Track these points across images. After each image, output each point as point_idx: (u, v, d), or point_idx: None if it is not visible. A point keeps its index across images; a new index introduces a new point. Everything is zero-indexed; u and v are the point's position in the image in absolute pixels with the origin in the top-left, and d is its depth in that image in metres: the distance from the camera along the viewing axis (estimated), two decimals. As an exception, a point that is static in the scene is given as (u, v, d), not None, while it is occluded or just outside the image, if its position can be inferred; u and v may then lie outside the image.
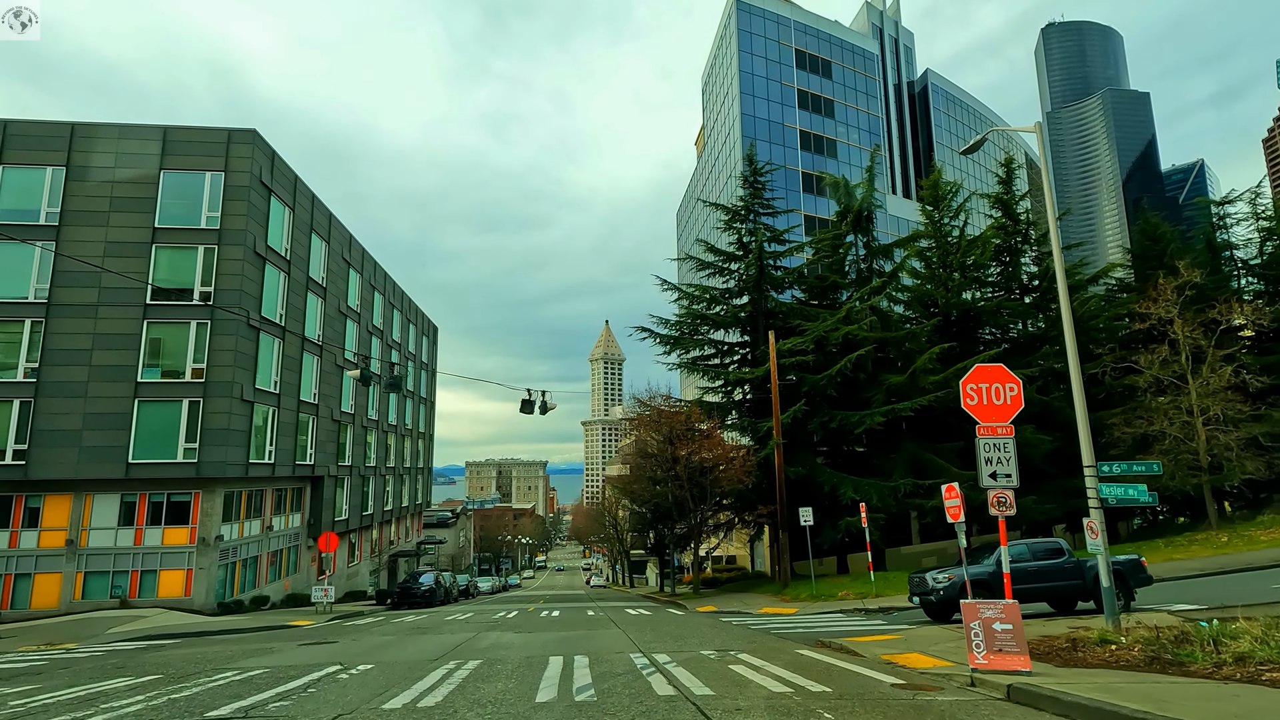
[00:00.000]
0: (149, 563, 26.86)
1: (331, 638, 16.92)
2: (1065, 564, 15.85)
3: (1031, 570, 15.53)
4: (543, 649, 12.94)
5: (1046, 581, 15.66)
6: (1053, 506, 33.67)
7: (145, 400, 26.94)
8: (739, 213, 39.07)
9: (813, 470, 32.42)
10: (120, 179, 27.88)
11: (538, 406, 17.55)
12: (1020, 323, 41.29)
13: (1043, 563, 15.85)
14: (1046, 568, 15.78)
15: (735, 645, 12.87)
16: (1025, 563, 15.59)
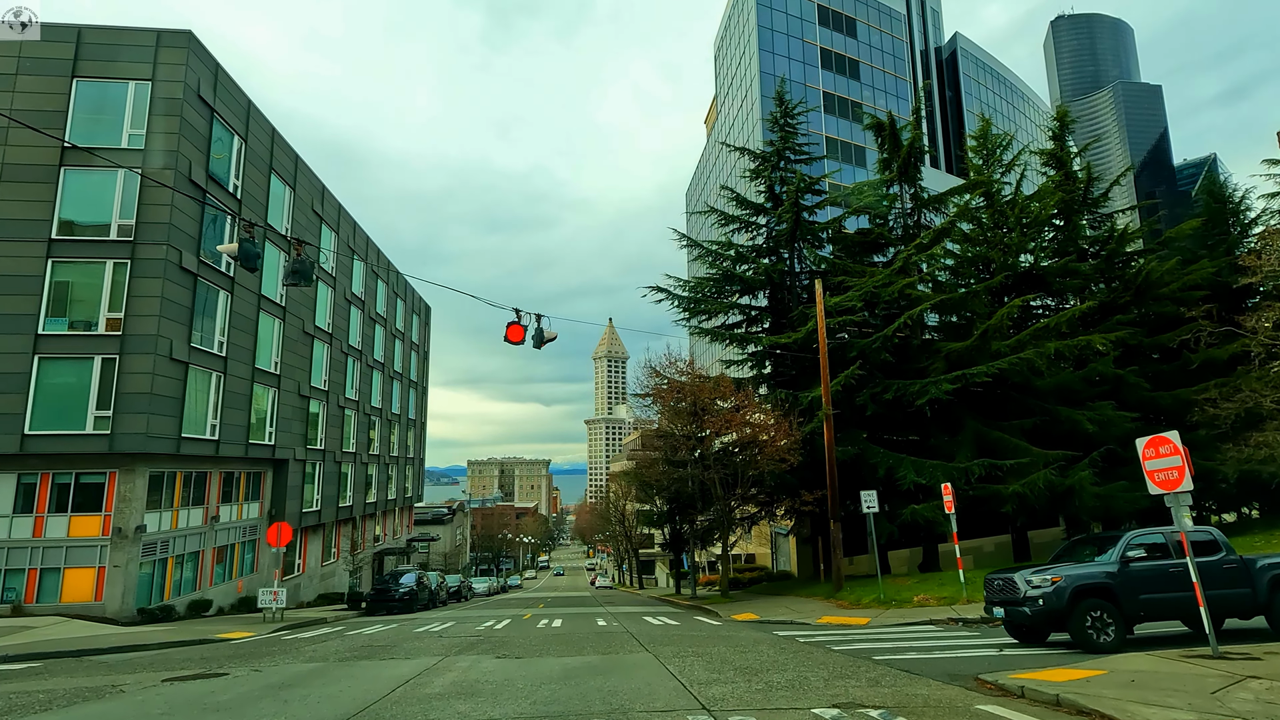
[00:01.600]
0: (51, 559, 21.60)
1: (232, 666, 11.67)
2: (1226, 565, 11.13)
3: (1178, 572, 10.85)
4: (532, 697, 7.72)
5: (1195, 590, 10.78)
6: (1141, 495, 28.15)
7: (47, 357, 21.70)
8: (767, 158, 33.77)
9: (864, 451, 27.10)
10: (22, 88, 22.67)
11: (531, 334, 12.35)
12: (1082, 290, 35.86)
13: (1190, 562, 10.61)
14: (1200, 569, 10.72)
15: (849, 688, 7.63)
16: (1164, 561, 11.13)
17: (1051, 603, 10.71)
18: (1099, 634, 10.38)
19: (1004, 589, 11.72)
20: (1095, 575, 10.87)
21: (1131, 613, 10.68)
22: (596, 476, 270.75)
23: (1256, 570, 11.09)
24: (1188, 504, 9.47)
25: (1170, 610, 10.95)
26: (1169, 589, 10.82)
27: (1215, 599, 10.68)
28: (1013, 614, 11.47)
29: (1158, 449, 9.85)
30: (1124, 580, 10.80)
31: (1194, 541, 11.18)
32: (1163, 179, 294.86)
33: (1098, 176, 36.38)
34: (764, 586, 34.63)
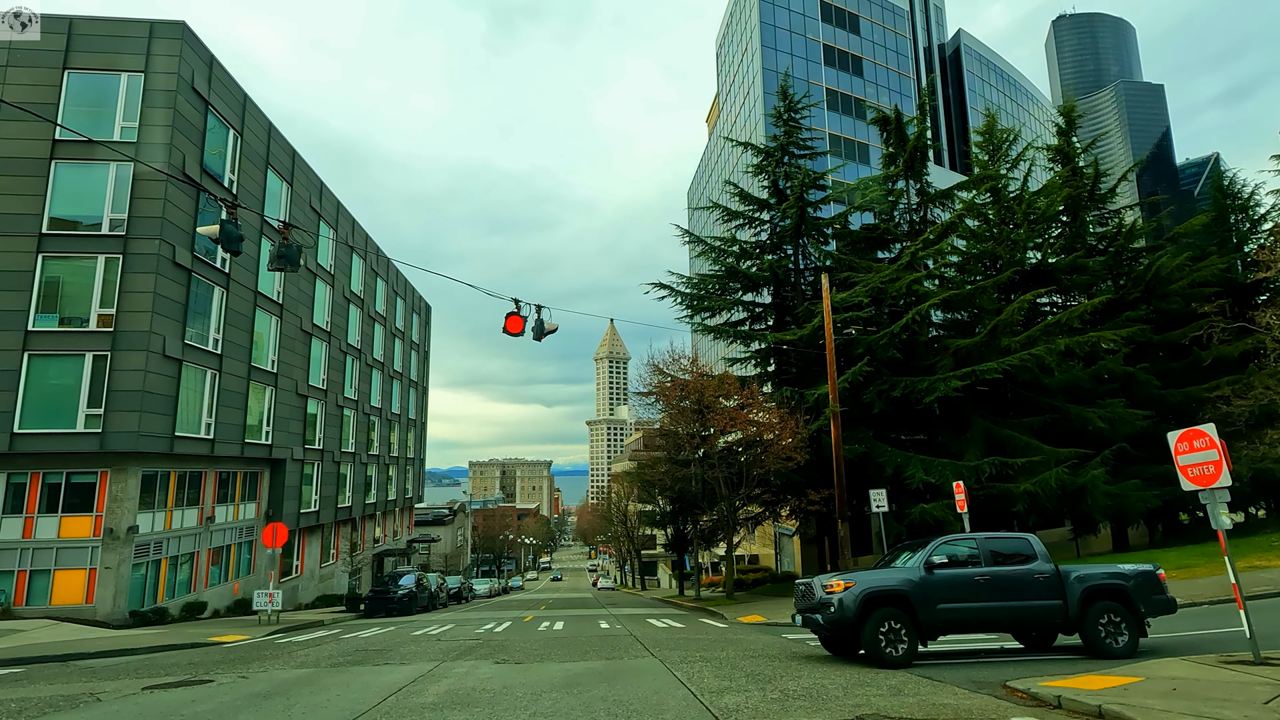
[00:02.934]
0: (41, 560, 21.12)
1: (219, 672, 11.18)
2: (1038, 574, 10.35)
3: (985, 582, 10.20)
4: (531, 708, 7.21)
5: (1008, 599, 10.22)
6: (1153, 494, 27.57)
7: (37, 354, 21.25)
8: (771, 153, 33.24)
9: (871, 449, 26.57)
10: (12, 80, 22.23)
11: (531, 326, 11.85)
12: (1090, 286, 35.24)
13: (1002, 570, 10.39)
14: (1008, 579, 10.31)
15: (870, 697, 7.12)
16: (975, 569, 10.36)
17: (842, 611, 9.75)
18: (892, 646, 9.58)
19: (805, 594, 10.73)
20: (892, 582, 10.01)
21: (930, 623, 9.88)
22: (598, 477, 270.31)
23: (1070, 582, 10.30)
24: (1225, 500, 8.94)
25: (974, 622, 10.22)
26: (974, 599, 10.06)
27: (1024, 611, 10.25)
28: (809, 621, 10.53)
29: (1191, 443, 9.32)
30: (925, 589, 9.94)
31: (1010, 549, 10.73)
32: (1165, 178, 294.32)
33: (1105, 172, 35.81)
34: (769, 588, 34.10)
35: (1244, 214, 36.46)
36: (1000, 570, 10.37)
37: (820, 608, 10.10)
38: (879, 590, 9.84)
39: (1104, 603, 10.18)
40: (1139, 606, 10.31)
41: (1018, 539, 10.95)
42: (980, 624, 10.34)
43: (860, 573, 10.38)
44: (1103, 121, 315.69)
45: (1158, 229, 38.14)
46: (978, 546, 10.64)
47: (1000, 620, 10.38)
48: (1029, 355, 25.98)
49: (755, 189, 34.81)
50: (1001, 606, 10.20)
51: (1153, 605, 10.44)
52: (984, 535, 10.93)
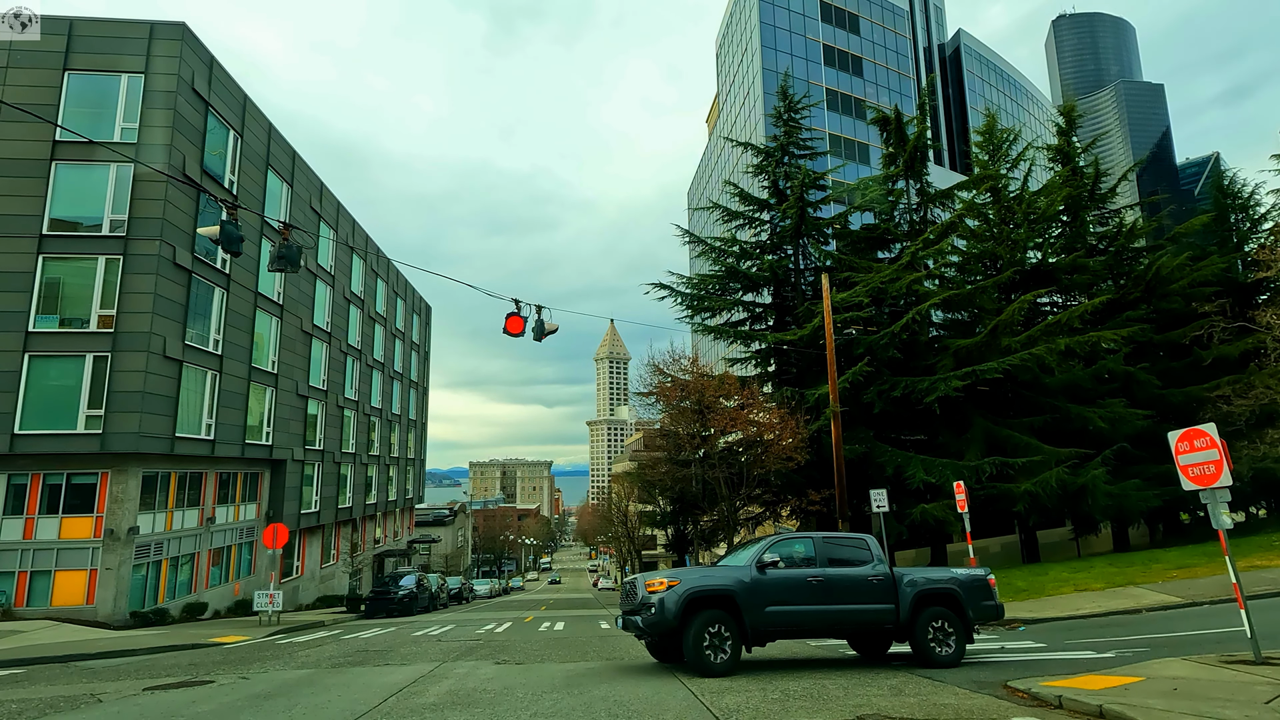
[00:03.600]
0: (42, 561, 21.12)
1: (219, 673, 11.19)
2: (872, 577, 9.84)
3: (818, 584, 9.59)
4: (532, 708, 7.21)
5: (841, 602, 9.63)
6: (1154, 494, 27.55)
7: (38, 355, 21.26)
8: (771, 153, 33.25)
9: (872, 449, 26.58)
10: (12, 81, 22.24)
11: (531, 326, 11.85)
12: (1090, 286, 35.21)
13: (836, 572, 9.79)
14: (842, 581, 9.72)
15: (870, 697, 7.13)
16: (809, 569, 9.74)
17: (662, 613, 8.88)
18: (715, 653, 8.83)
19: (628, 594, 9.88)
20: (719, 582, 9.25)
21: (758, 626, 9.18)
22: (598, 478, 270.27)
23: (903, 586, 9.87)
24: (1226, 500, 8.93)
25: (805, 626, 9.58)
26: (806, 601, 9.43)
27: (856, 615, 9.68)
28: (629, 625, 9.61)
29: (1192, 442, 9.31)
30: (754, 590, 9.23)
31: (846, 549, 10.16)
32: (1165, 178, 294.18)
33: (1105, 172, 35.79)
34: (769, 588, 34.06)
35: (1244, 214, 36.44)
36: (834, 572, 9.77)
37: (641, 609, 9.21)
38: (704, 590, 9.05)
39: (935, 608, 9.86)
40: (969, 612, 10.04)
41: (855, 539, 10.42)
42: (811, 628, 9.70)
43: (688, 570, 9.68)
44: (1103, 121, 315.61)
45: (1158, 229, 38.13)
46: (814, 546, 10.03)
47: (831, 624, 9.71)
48: (1029, 355, 25.97)
49: (755, 189, 34.83)
50: (833, 610, 9.56)
51: (982, 612, 10.21)
52: (821, 535, 10.29)
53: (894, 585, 9.86)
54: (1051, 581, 19.23)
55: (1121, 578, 18.59)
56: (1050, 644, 11.63)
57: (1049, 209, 32.38)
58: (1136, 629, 12.68)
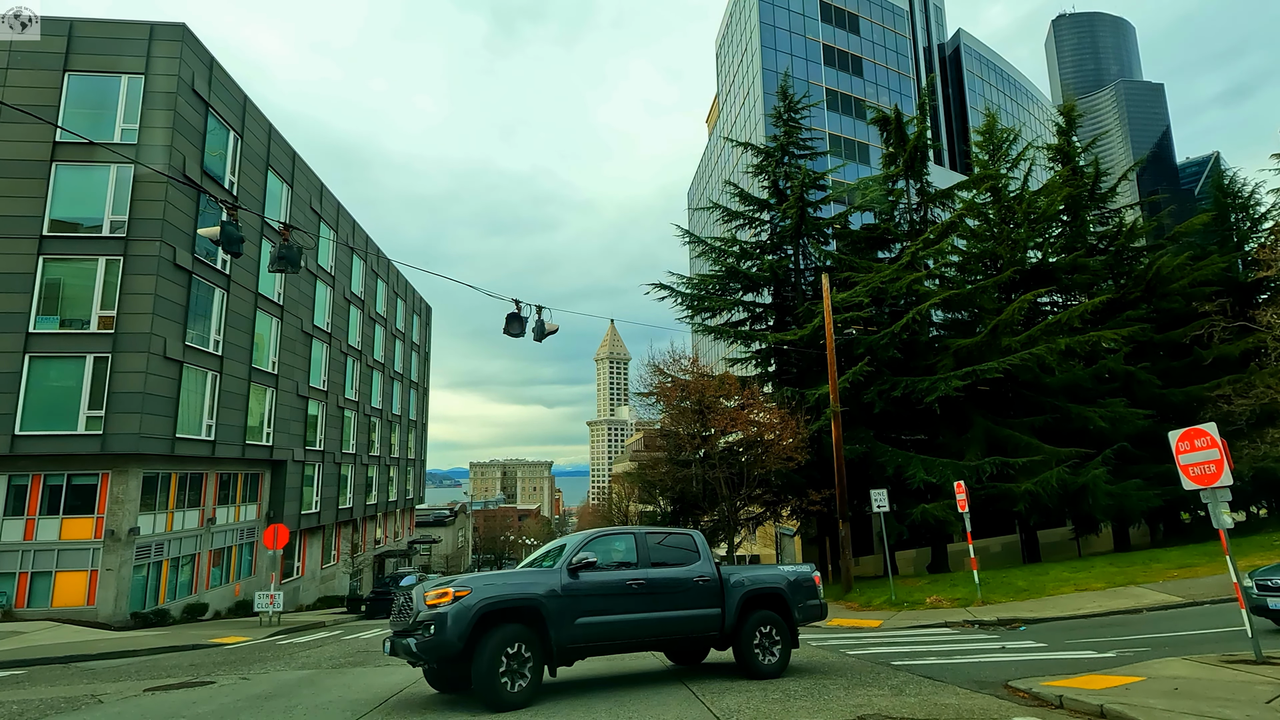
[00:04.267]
0: (43, 562, 21.13)
1: (220, 674, 11.19)
2: (700, 578, 8.75)
3: (640, 588, 8.24)
4: (532, 708, 7.21)
5: (665, 608, 8.36)
6: (1154, 494, 27.54)
7: (38, 356, 21.28)
8: (771, 153, 33.22)
9: (872, 449, 26.56)
10: (12, 82, 22.26)
11: (530, 326, 11.87)
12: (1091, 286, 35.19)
13: (661, 574, 8.53)
14: (667, 584, 8.49)
15: (872, 697, 7.12)
16: (630, 571, 8.38)
17: (443, 633, 6.91)
18: (513, 680, 7.16)
19: (402, 611, 7.71)
20: (522, 590, 7.54)
21: (567, 643, 7.63)
22: (599, 478, 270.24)
23: (730, 587, 8.91)
24: (1226, 499, 8.94)
25: (622, 638, 8.14)
26: (625, 609, 8.06)
27: (682, 624, 8.46)
28: (398, 649, 7.40)
29: (1192, 442, 9.32)
30: (565, 598, 7.68)
31: (669, 549, 8.94)
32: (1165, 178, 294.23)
33: (1106, 171, 35.78)
34: (770, 588, 34.05)
35: (1244, 213, 36.44)
36: (658, 574, 8.49)
37: (415, 629, 7.21)
38: (503, 601, 7.33)
39: (762, 611, 8.98)
40: (795, 614, 9.27)
41: (681, 535, 9.32)
42: (629, 641, 8.29)
43: (483, 576, 7.75)
44: (1103, 121, 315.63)
45: (1158, 228, 38.13)
46: (636, 544, 8.70)
47: (653, 635, 8.37)
48: (1030, 355, 25.95)
49: (755, 189, 34.82)
50: (656, 619, 8.26)
51: (807, 612, 9.49)
52: (644, 530, 9.11)
53: (721, 587, 8.85)
54: (1052, 581, 19.21)
55: (1122, 577, 18.57)
56: (1051, 644, 11.62)
57: (1049, 209, 32.37)
58: (1137, 629, 12.68)
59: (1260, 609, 11.33)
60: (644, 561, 8.55)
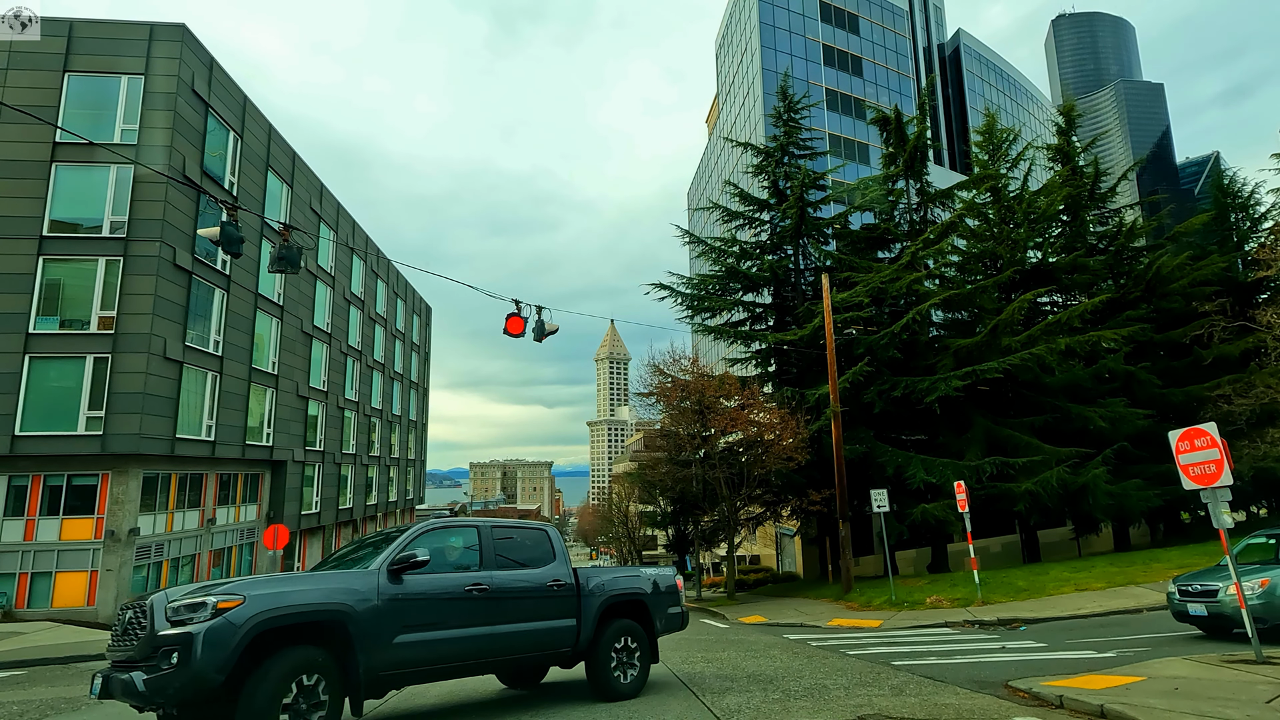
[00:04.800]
0: (43, 563, 21.15)
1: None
2: (555, 583, 7.34)
3: (483, 595, 6.63)
4: (533, 708, 7.21)
5: (514, 620, 6.87)
6: (1154, 494, 27.55)
7: (38, 356, 21.29)
8: (771, 153, 33.24)
9: (872, 449, 26.56)
10: (12, 83, 22.26)
11: (531, 327, 11.87)
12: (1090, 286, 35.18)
13: (504, 578, 6.93)
14: (517, 590, 6.98)
15: (872, 697, 7.12)
16: (465, 575, 6.68)
17: (190, 663, 4.81)
18: None
19: (130, 630, 5.34)
20: (321, 598, 5.48)
21: (381, 669, 5.78)
22: (599, 478, 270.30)
23: (588, 594, 7.58)
24: (1226, 499, 8.95)
25: (456, 661, 6.36)
26: (462, 621, 6.40)
27: (532, 639, 6.98)
28: (115, 687, 5.10)
29: (1192, 442, 9.33)
30: (383, 608, 5.80)
31: (520, 547, 7.39)
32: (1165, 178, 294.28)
33: (1105, 171, 35.79)
34: (770, 588, 34.11)
35: (1244, 213, 36.44)
36: (505, 578, 6.93)
37: (149, 659, 4.97)
38: (289, 613, 5.27)
39: (622, 621, 7.84)
40: (656, 624, 8.23)
41: (533, 531, 7.78)
42: (465, 663, 6.50)
43: (263, 579, 5.54)
44: (1103, 121, 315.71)
45: (1158, 228, 38.15)
46: (480, 540, 7.05)
47: (498, 654, 6.75)
48: (1030, 355, 25.96)
49: (755, 189, 34.84)
50: (502, 634, 6.70)
51: (669, 622, 8.47)
52: (490, 523, 7.38)
53: (579, 593, 7.53)
54: (1052, 581, 19.22)
55: (1122, 577, 18.57)
56: (1051, 644, 11.62)
57: (1049, 209, 32.38)
58: (1137, 629, 12.68)
59: (1182, 615, 11.25)
60: (489, 562, 6.92)
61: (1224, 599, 10.59)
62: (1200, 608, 10.92)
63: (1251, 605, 10.29)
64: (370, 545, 6.83)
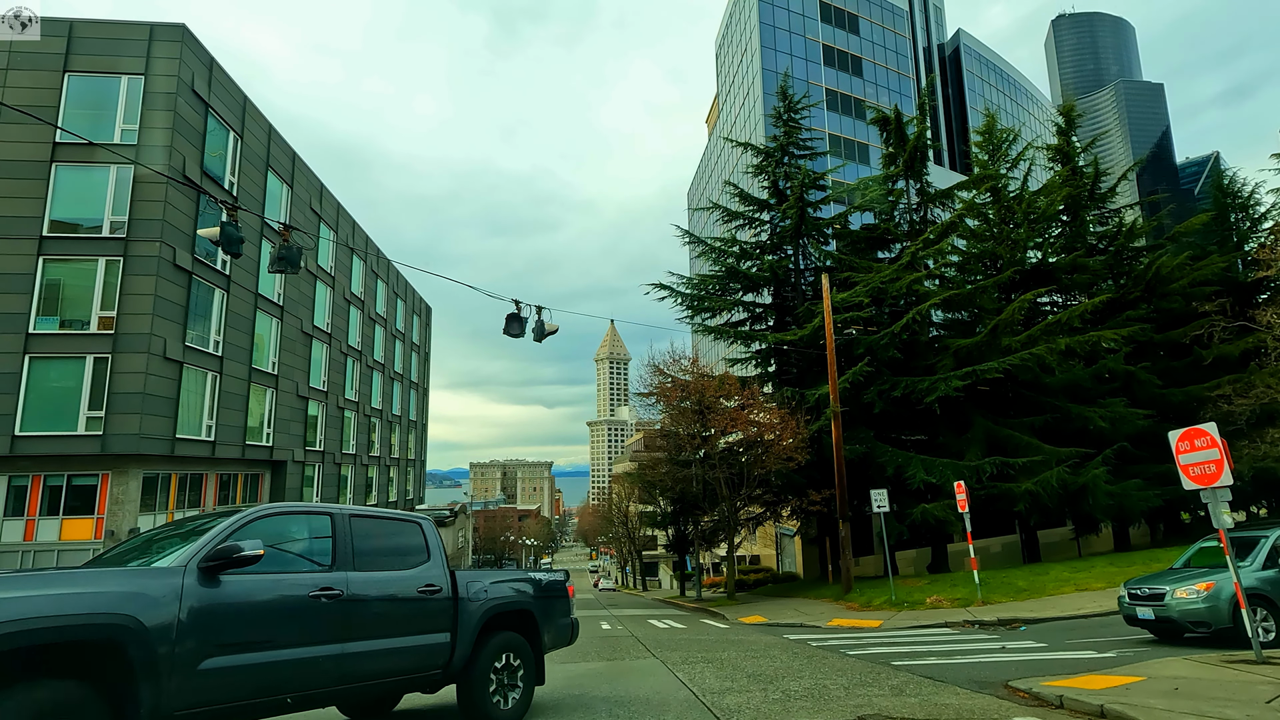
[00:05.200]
0: (43, 563, 21.12)
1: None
2: (426, 589, 5.95)
3: (330, 601, 5.09)
4: (532, 710, 7.21)
5: (369, 636, 5.36)
6: (1154, 494, 27.55)
7: (38, 356, 21.29)
8: (771, 153, 33.25)
9: (872, 449, 26.57)
10: (12, 83, 22.26)
11: (530, 326, 11.88)
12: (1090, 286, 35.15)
13: (363, 581, 5.44)
14: (372, 597, 5.47)
15: (872, 697, 7.13)
16: (310, 575, 5.12)
17: None
18: None
19: None
20: (92, 608, 3.83)
21: (178, 708, 4.15)
22: (599, 478, 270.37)
23: (466, 601, 6.22)
24: (1226, 499, 8.94)
25: (295, 691, 4.82)
26: (302, 638, 4.87)
27: (394, 662, 5.52)
28: None
29: (1192, 442, 9.32)
30: (189, 621, 4.26)
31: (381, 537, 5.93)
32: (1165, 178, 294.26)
33: (1105, 171, 35.80)
34: (770, 588, 34.12)
35: (1244, 213, 36.44)
36: (366, 581, 5.44)
37: None
38: (32, 628, 3.58)
39: (505, 634, 6.59)
40: (544, 637, 7.07)
41: (405, 522, 6.37)
42: (304, 695, 4.91)
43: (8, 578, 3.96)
44: (1103, 121, 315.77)
45: (1158, 228, 38.16)
46: (334, 531, 5.47)
47: (350, 680, 5.17)
48: (1030, 355, 25.98)
49: (755, 189, 34.85)
50: (356, 654, 5.17)
51: (558, 635, 7.35)
52: (348, 511, 5.76)
53: (456, 601, 6.17)
54: (1052, 581, 19.23)
55: (1122, 577, 18.50)
56: (1051, 644, 11.62)
57: (1049, 209, 32.40)
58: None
59: (1131, 619, 11.22)
60: (344, 560, 5.38)
61: (1170, 603, 10.52)
62: (1148, 611, 10.90)
63: (1195, 608, 10.29)
64: (180, 535, 4.98)
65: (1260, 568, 10.44)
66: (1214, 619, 10.06)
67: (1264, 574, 10.31)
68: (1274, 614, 10.15)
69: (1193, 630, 10.32)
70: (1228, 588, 10.09)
